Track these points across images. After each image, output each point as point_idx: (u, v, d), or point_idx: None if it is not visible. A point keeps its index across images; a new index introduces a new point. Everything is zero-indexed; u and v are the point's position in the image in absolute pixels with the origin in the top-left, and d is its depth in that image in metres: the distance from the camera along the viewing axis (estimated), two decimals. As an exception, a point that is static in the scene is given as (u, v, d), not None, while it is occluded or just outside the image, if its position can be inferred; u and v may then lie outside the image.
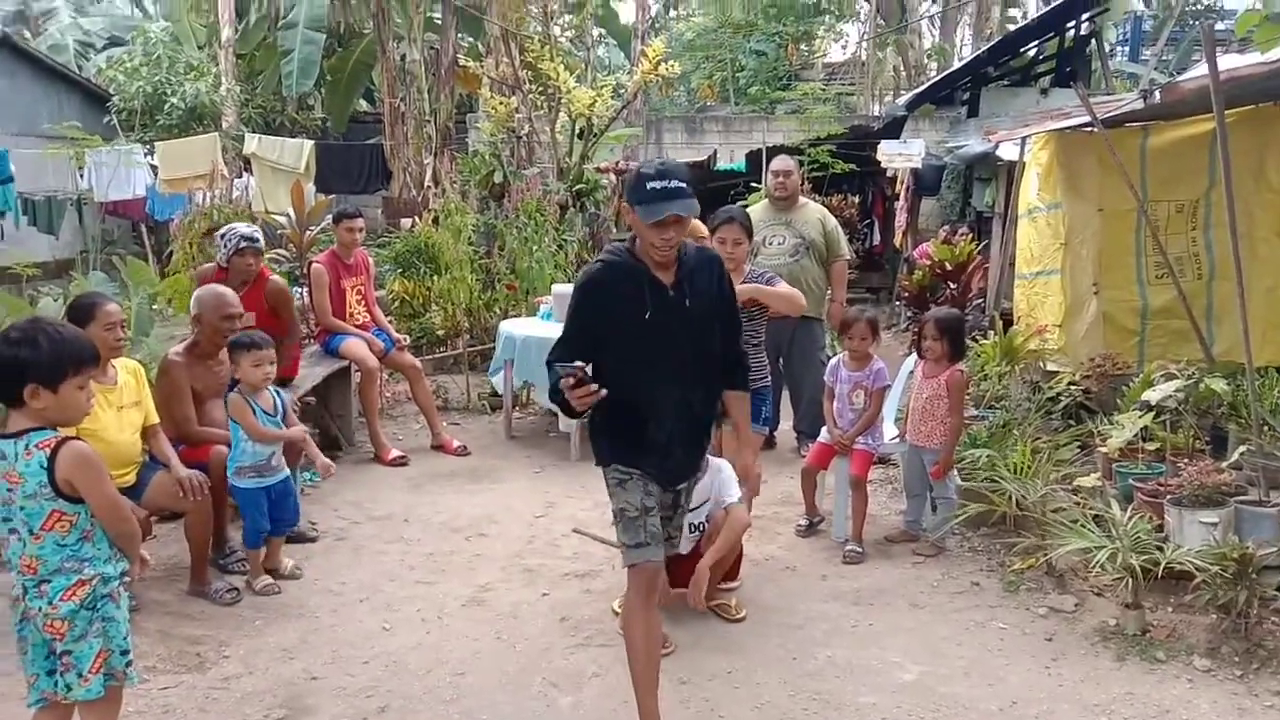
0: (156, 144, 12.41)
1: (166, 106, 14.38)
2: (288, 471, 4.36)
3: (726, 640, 3.73)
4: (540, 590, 4.17)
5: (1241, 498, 4.00)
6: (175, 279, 7.52)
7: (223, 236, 5.45)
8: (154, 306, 7.16)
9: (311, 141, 12.74)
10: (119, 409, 3.95)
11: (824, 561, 4.52)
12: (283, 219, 8.03)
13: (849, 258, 6.37)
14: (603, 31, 19.21)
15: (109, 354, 3.81)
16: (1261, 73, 4.72)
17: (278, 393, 4.39)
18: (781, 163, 6.25)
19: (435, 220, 9.01)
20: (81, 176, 12.44)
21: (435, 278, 8.42)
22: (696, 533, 3.91)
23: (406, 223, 11.37)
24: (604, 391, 2.77)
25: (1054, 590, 4.06)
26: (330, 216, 7.10)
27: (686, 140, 13.96)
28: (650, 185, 2.81)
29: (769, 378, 4.39)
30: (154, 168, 12.33)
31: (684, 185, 2.82)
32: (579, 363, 2.79)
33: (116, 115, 14.58)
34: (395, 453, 6.05)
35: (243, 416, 4.17)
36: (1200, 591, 3.56)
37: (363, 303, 6.41)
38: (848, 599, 4.09)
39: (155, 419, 4.09)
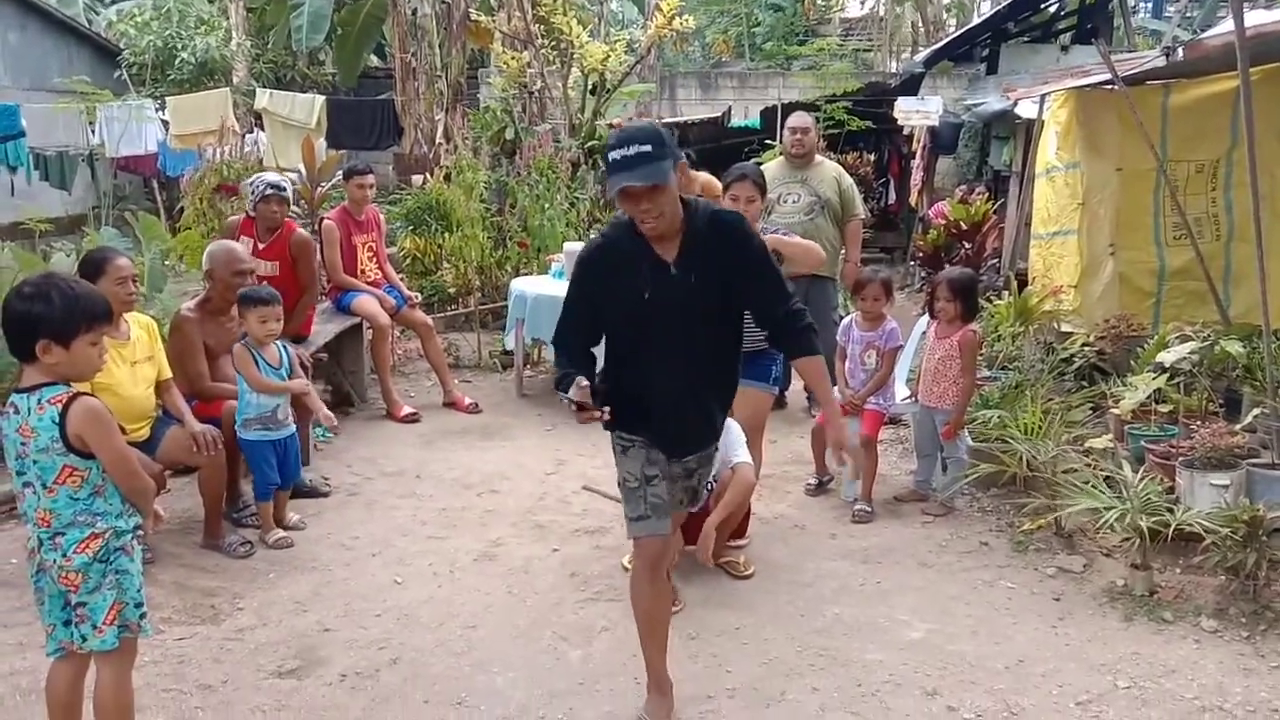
0: (167, 99, 12.36)
1: (177, 61, 14.31)
2: (294, 427, 4.38)
3: (735, 597, 3.75)
4: (551, 546, 4.20)
5: (1254, 460, 3.99)
6: (187, 234, 7.52)
7: (250, 184, 5.53)
8: (166, 262, 7.17)
9: (323, 97, 12.68)
10: (132, 364, 3.97)
11: (833, 520, 4.53)
12: (293, 175, 7.99)
13: (864, 217, 6.32)
14: (617, -15, 18.98)
15: (121, 309, 3.82)
16: (1289, 28, 4.62)
17: (284, 347, 4.41)
18: (799, 119, 6.18)
19: (447, 177, 8.97)
20: (93, 132, 12.41)
21: (447, 235, 8.40)
22: (705, 491, 3.92)
23: (418, 179, 11.32)
24: (607, 416, 2.67)
25: (1063, 551, 4.07)
26: (341, 172, 7.07)
27: (701, 96, 13.81)
28: (611, 156, 2.58)
29: None
30: (165, 123, 12.29)
31: (647, 150, 2.54)
32: (584, 382, 2.62)
33: (127, 70, 14.52)
34: (407, 409, 6.08)
35: (245, 367, 4.20)
36: (1209, 553, 3.56)
37: (374, 259, 6.40)
38: (856, 557, 4.10)
39: (168, 374, 4.12)
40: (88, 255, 4.03)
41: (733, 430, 3.83)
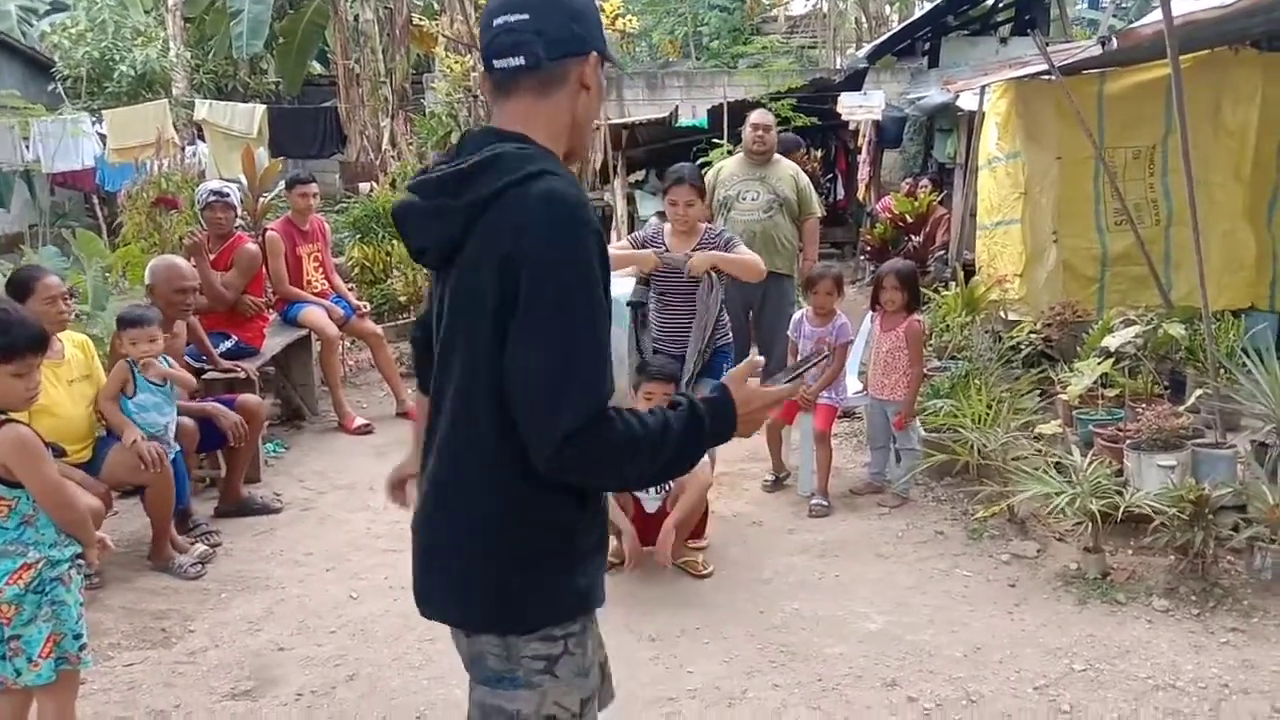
0: (104, 112, 12.09)
1: (116, 74, 14.00)
2: (179, 448, 4.22)
3: (695, 597, 3.74)
4: (508, 554, 4.16)
5: (1199, 440, 4.07)
6: (126, 250, 7.37)
7: (197, 194, 5.54)
8: (108, 279, 7.02)
9: (263, 106, 12.49)
10: (69, 383, 3.88)
11: (790, 516, 4.55)
12: (235, 185, 7.87)
13: (820, 214, 6.34)
14: (561, -13, 18.92)
15: (53, 328, 3.71)
16: (1216, 16, 4.72)
17: (168, 361, 4.20)
18: (761, 116, 6.17)
19: (393, 184, 8.89)
20: (27, 148, 12.11)
21: (395, 243, 8.30)
22: (662, 491, 3.92)
23: (365, 187, 11.20)
24: None
25: (1016, 537, 4.11)
26: (284, 182, 6.97)
27: (648, 97, 13.81)
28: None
29: (731, 335, 4.36)
30: (103, 137, 12.03)
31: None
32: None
33: (61, 83, 14.19)
34: (359, 421, 6.01)
35: (109, 386, 4.02)
36: (1159, 534, 3.62)
37: (320, 270, 6.32)
38: (814, 552, 4.12)
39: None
40: (15, 274, 3.92)
41: None
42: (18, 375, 2.30)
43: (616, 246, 4.25)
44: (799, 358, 4.78)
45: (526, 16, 1.54)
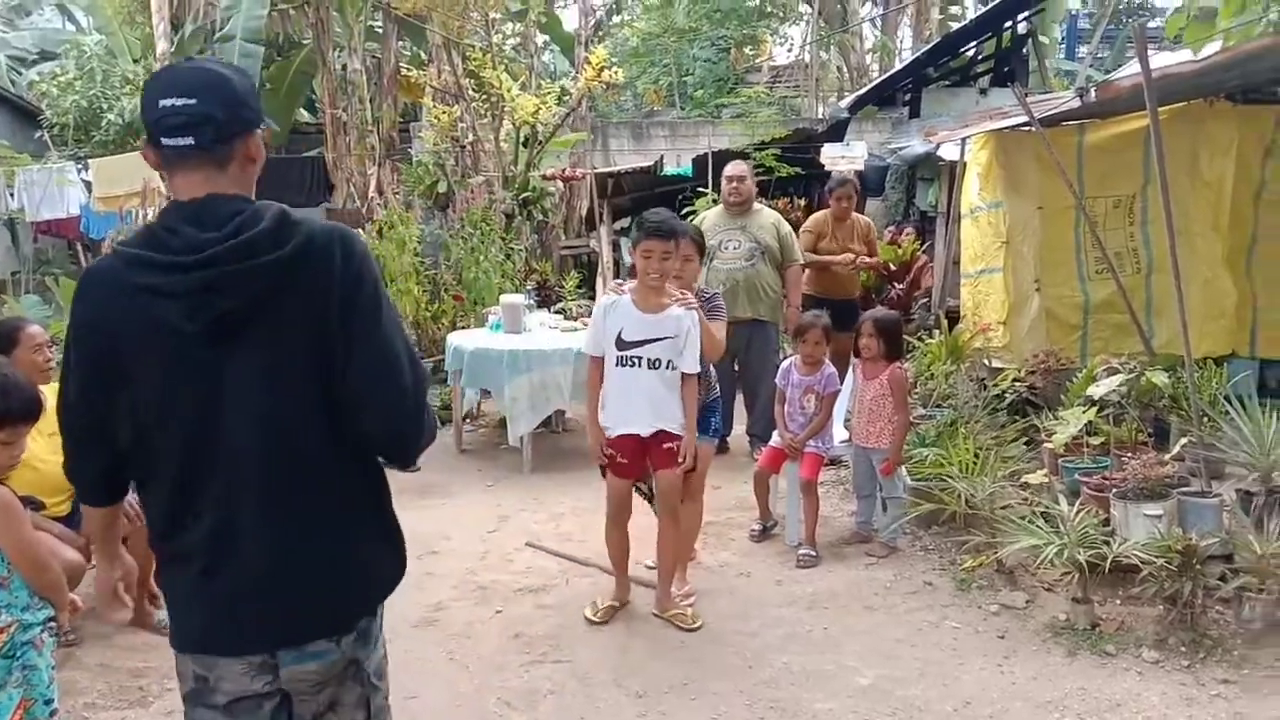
0: (90, 161, 12.10)
1: (104, 123, 14.03)
2: None
3: (683, 651, 3.70)
4: (494, 607, 4.11)
5: (1184, 489, 4.07)
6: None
7: None
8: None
9: (251, 155, 12.51)
10: (49, 435, 3.80)
11: (778, 566, 4.52)
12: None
13: (802, 262, 6.39)
14: (547, 38, 19.16)
15: (38, 378, 3.68)
16: (1192, 71, 4.81)
17: None
18: (735, 168, 6.26)
19: (380, 232, 8.90)
20: (12, 196, 12.10)
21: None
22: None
23: (350, 234, 11.18)
24: None
25: (1005, 587, 4.09)
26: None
27: (633, 146, 13.93)
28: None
29: (718, 389, 4.34)
30: (88, 184, 12.03)
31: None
32: None
33: (48, 131, 14.20)
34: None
35: None
36: (1147, 584, 3.61)
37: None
38: (802, 604, 4.08)
39: None
40: (-2, 326, 3.89)
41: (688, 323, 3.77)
42: (5, 443, 2.26)
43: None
44: (786, 407, 4.78)
45: (194, 101, 1.67)
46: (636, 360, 3.72)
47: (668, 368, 3.73)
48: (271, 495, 1.73)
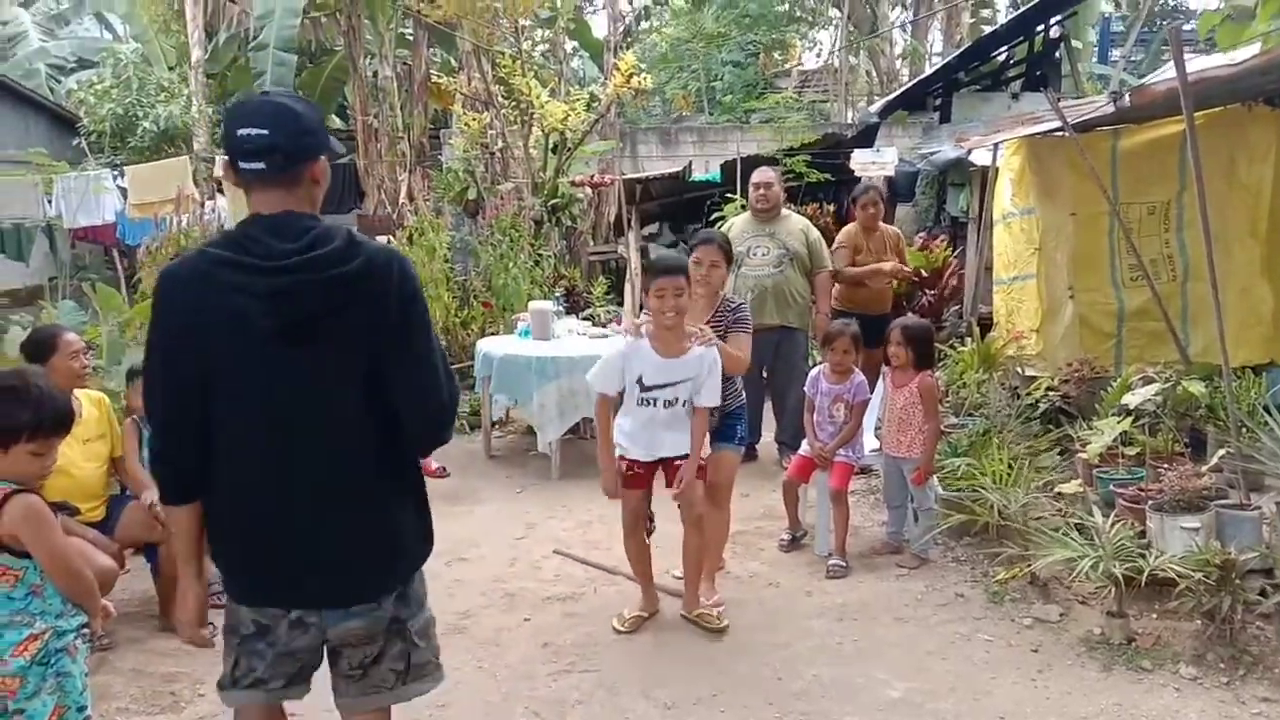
0: (126, 168, 12.27)
1: (139, 130, 14.23)
2: None
3: (711, 661, 3.68)
4: (522, 615, 4.11)
5: (1222, 501, 4.00)
6: (144, 305, 7.41)
7: None
8: (125, 333, 7.06)
9: (284, 161, 12.63)
10: (84, 442, 3.88)
11: (808, 576, 4.48)
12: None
13: (832, 268, 6.35)
14: (576, 44, 19.22)
15: (75, 383, 3.75)
16: (1228, 75, 4.74)
17: None
18: (762, 174, 6.23)
19: (410, 238, 8.96)
20: (49, 203, 12.29)
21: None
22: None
23: (381, 239, 11.27)
24: None
25: (1039, 600, 4.04)
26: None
27: (662, 152, 13.94)
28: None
29: (744, 395, 4.31)
30: (123, 191, 12.20)
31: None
32: None
33: (86, 138, 14.43)
34: (434, 464, 5.97)
35: (130, 446, 4.03)
36: (1184, 598, 3.55)
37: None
38: (832, 615, 4.05)
39: (121, 450, 4.02)
40: (34, 335, 3.95)
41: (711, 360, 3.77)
42: (37, 454, 2.29)
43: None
44: (815, 415, 4.75)
45: (266, 131, 1.96)
46: (654, 400, 3.74)
47: (685, 405, 3.75)
48: (326, 475, 2.03)
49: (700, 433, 3.78)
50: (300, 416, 2.00)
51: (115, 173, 12.66)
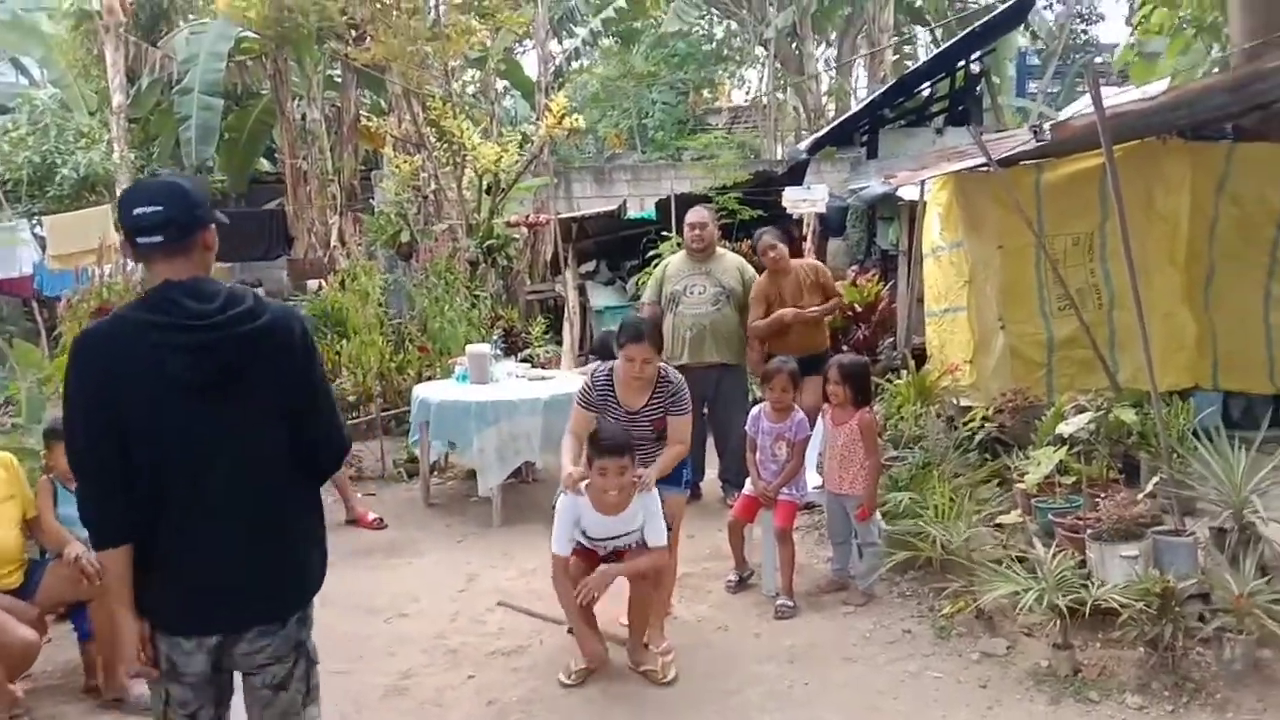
0: (45, 218, 11.91)
1: (58, 177, 13.84)
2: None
3: (660, 710, 3.61)
4: (465, 673, 3.99)
5: (1158, 528, 4.06)
6: (63, 360, 7.15)
7: None
8: (43, 390, 6.80)
9: (209, 208, 12.38)
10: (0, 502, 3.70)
11: (756, 618, 4.44)
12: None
13: (759, 331, 6.28)
14: (507, 84, 19.26)
15: (-11, 448, 3.57)
16: (1141, 110, 4.89)
17: None
18: (696, 215, 6.26)
19: (342, 283, 8.81)
20: (-39, 256, 11.88)
21: (344, 342, 8.21)
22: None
23: (313, 284, 11.09)
24: None
25: (985, 634, 4.05)
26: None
27: (596, 190, 13.99)
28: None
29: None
30: (41, 239, 11.83)
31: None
32: None
33: (1, 187, 13.99)
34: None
35: (44, 505, 3.89)
36: (1127, 628, 3.58)
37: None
38: (782, 658, 4.01)
39: (34, 510, 3.83)
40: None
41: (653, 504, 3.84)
42: None
43: (573, 415, 4.13)
44: (758, 455, 4.73)
45: (160, 208, 2.19)
46: (603, 548, 3.90)
47: (633, 546, 3.89)
48: (249, 510, 2.25)
49: (645, 563, 3.85)
50: (222, 457, 2.20)
51: (33, 222, 12.28)
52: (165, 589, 2.22)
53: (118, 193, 13.58)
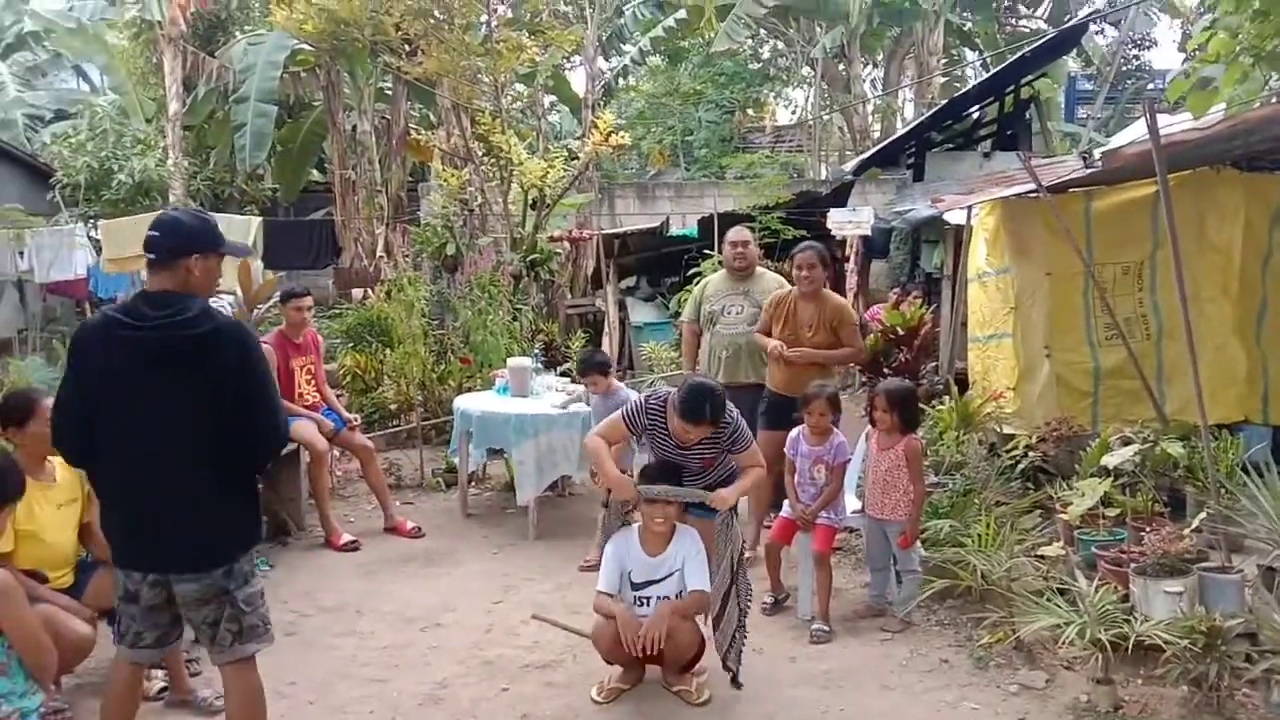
0: (100, 222, 12.19)
1: (114, 182, 14.17)
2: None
3: (694, 733, 3.60)
4: (500, 685, 4.01)
5: (1204, 564, 3.99)
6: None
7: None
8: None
9: (259, 218, 12.61)
10: (58, 506, 3.79)
11: (791, 641, 4.42)
12: (229, 298, 7.88)
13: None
14: (554, 99, 19.43)
15: (49, 450, 3.66)
16: (1196, 139, 4.83)
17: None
18: (738, 234, 6.26)
19: (388, 293, 8.92)
20: (21, 257, 12.18)
21: (388, 351, 8.31)
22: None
23: (358, 293, 11.24)
24: None
25: (1024, 666, 3.99)
26: (279, 295, 6.98)
27: (639, 207, 14.06)
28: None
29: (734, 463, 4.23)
30: (96, 242, 12.10)
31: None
32: None
33: (60, 191, 14.35)
34: (346, 537, 5.87)
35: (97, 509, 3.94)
36: (1171, 665, 3.52)
37: (312, 382, 6.28)
38: (817, 683, 3.98)
39: (90, 515, 3.92)
40: (10, 400, 3.86)
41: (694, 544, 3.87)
42: None
43: (609, 425, 4.10)
44: (796, 478, 4.72)
45: (157, 234, 2.85)
46: (647, 600, 3.90)
47: (678, 594, 3.88)
48: (170, 474, 2.82)
49: (692, 605, 3.87)
50: (150, 431, 2.79)
51: (89, 225, 12.57)
52: (109, 530, 2.92)
53: (171, 199, 13.90)
